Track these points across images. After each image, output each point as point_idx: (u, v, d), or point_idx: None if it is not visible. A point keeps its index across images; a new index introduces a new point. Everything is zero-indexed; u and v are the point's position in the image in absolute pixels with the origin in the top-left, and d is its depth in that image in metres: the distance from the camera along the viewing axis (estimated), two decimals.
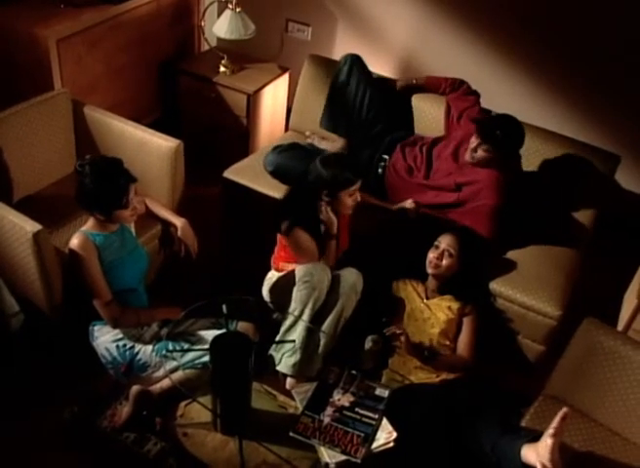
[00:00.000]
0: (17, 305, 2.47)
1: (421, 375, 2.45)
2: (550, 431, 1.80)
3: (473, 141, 2.77)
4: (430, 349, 2.45)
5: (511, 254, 2.81)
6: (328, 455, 1.92)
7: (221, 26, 3.48)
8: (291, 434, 1.97)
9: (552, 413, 2.20)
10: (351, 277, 2.49)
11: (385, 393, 2.09)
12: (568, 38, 3.12)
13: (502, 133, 2.70)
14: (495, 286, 2.67)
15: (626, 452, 2.16)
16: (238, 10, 3.46)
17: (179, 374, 2.32)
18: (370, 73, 3.18)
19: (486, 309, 2.66)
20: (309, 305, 2.41)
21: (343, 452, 1.91)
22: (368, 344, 2.43)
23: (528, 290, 2.64)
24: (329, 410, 2.03)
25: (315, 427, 1.98)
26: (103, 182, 2.27)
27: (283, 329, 2.47)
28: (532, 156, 2.95)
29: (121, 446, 2.28)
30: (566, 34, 3.12)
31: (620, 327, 2.68)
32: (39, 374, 2.55)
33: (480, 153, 2.75)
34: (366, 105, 3.13)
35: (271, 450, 2.09)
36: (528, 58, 3.24)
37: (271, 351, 2.48)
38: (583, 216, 2.92)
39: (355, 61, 3.14)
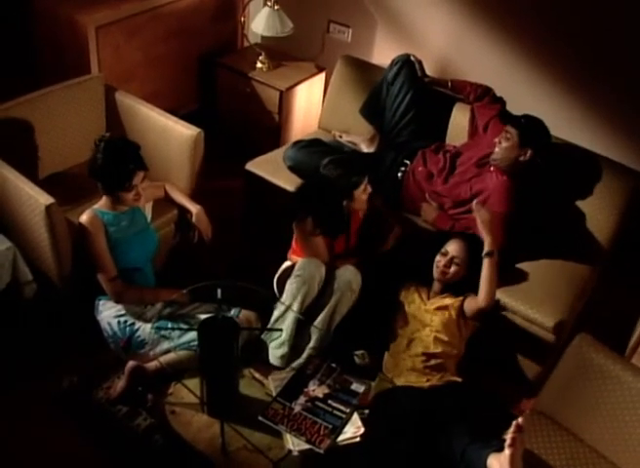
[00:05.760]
0: (30, 274, 2.59)
1: (412, 379, 2.44)
2: (507, 442, 1.78)
3: (499, 136, 2.74)
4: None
5: (522, 266, 2.76)
6: (292, 443, 1.95)
7: (259, 23, 3.56)
8: (259, 418, 2.00)
9: (537, 429, 2.18)
10: (347, 274, 2.51)
11: (361, 389, 2.10)
12: (605, 55, 3.04)
13: (526, 119, 2.71)
14: (499, 295, 2.62)
15: None
16: (277, 7, 3.53)
17: (170, 355, 2.40)
18: (417, 78, 3.16)
19: (488, 319, 2.63)
20: (298, 299, 2.45)
21: (308, 441, 1.93)
22: (356, 359, 2.46)
23: (532, 302, 2.58)
24: (301, 399, 2.05)
25: (284, 414, 2.01)
26: (112, 163, 2.37)
27: (273, 319, 2.51)
28: (555, 168, 2.88)
29: (113, 418, 2.37)
30: (603, 51, 3.03)
31: (628, 349, 2.59)
32: (45, 343, 2.66)
33: (504, 144, 2.71)
34: (403, 109, 3.15)
35: (245, 438, 2.11)
36: (563, 70, 3.17)
37: (264, 338, 2.51)
38: (603, 234, 2.82)
39: (405, 64, 3.15)
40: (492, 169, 2.80)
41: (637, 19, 2.89)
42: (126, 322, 2.48)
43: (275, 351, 2.44)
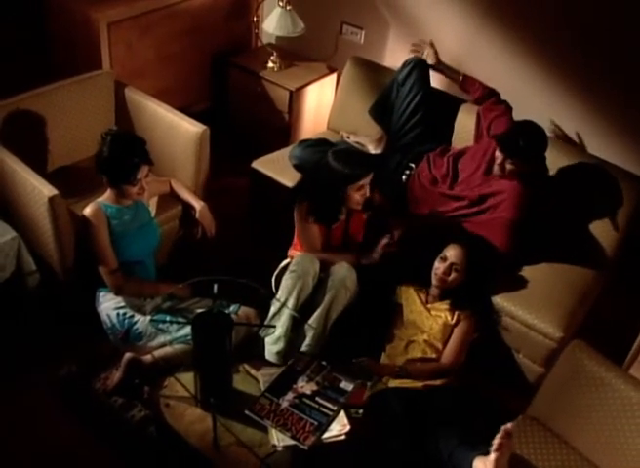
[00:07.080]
0: (34, 264, 2.64)
1: (408, 380, 2.43)
2: (494, 446, 1.77)
3: (498, 157, 2.73)
4: (402, 366, 2.43)
5: (524, 271, 2.74)
6: (277, 438, 1.96)
7: (271, 22, 3.58)
8: (246, 412, 2.01)
9: (529, 434, 2.17)
10: (341, 271, 2.51)
11: (350, 387, 2.10)
12: (614, 59, 3.01)
13: (525, 142, 2.64)
14: (499, 300, 2.62)
15: None
16: (288, 8, 3.55)
17: (167, 348, 2.42)
18: (427, 81, 3.18)
19: (488, 323, 2.62)
20: (293, 294, 2.46)
21: (293, 437, 1.93)
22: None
23: (532, 308, 2.57)
24: (289, 395, 2.06)
25: (271, 409, 2.01)
26: (118, 156, 2.40)
27: (269, 315, 2.52)
28: (560, 174, 2.87)
29: (109, 409, 2.40)
30: (613, 56, 3.01)
31: (627, 358, 2.55)
32: (46, 332, 2.70)
33: (509, 167, 2.71)
34: (410, 110, 3.15)
35: (234, 434, 2.12)
36: (573, 74, 3.14)
37: (261, 334, 2.52)
38: (608, 241, 2.79)
39: (417, 65, 3.16)
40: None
41: None
42: (125, 314, 2.51)
43: (271, 347, 2.46)
